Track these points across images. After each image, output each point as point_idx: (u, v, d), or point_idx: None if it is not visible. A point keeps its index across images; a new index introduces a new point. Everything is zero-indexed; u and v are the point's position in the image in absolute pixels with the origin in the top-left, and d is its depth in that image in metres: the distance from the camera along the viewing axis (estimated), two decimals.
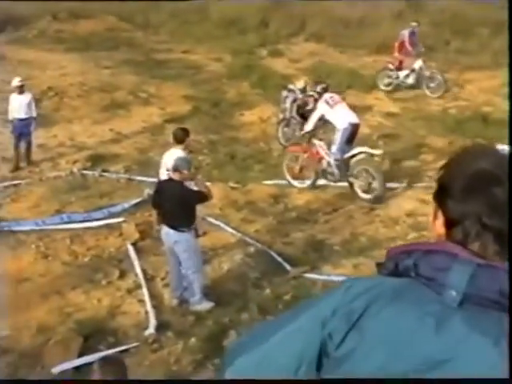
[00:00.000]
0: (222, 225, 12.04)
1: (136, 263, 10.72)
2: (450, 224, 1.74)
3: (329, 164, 13.58)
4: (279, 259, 10.89)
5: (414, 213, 12.57)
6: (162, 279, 10.32)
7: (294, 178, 14.11)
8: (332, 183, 13.84)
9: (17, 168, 15.06)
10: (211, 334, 8.83)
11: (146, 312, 9.45)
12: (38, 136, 16.09)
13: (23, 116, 15.19)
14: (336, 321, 1.68)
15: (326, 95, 13.74)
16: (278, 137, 16.58)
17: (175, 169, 8.98)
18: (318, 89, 14.04)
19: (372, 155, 13.40)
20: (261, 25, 29.69)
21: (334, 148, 13.39)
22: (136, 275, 10.42)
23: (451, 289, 1.60)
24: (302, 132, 14.28)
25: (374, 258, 9.85)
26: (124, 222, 12.17)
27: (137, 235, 11.60)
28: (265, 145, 16.80)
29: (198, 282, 9.38)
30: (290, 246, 11.53)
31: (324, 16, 28.70)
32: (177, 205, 8.93)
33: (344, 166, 13.34)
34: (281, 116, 16.87)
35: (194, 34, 28.29)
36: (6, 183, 14.12)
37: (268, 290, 9.99)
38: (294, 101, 16.92)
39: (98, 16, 30.55)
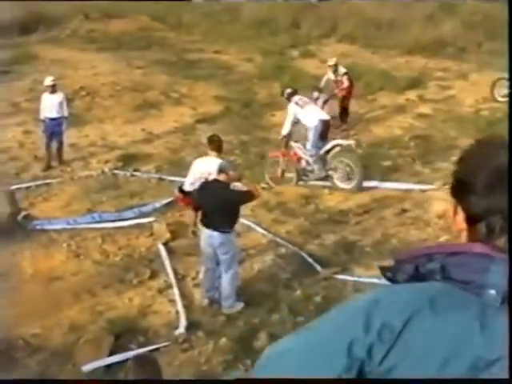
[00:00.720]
0: (253, 225, 12.02)
1: (167, 263, 10.75)
2: (472, 220, 1.70)
3: (307, 162, 14.03)
4: (310, 260, 10.86)
5: (446, 215, 12.45)
6: (193, 279, 10.33)
7: (277, 183, 14.26)
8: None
9: (48, 167, 15.19)
10: (242, 334, 8.82)
11: (177, 312, 9.47)
12: (70, 135, 16.22)
13: (55, 115, 15.27)
14: (372, 338, 1.59)
15: (296, 97, 14.18)
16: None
17: (221, 170, 8.99)
18: (286, 93, 14.39)
19: (343, 146, 13.96)
20: (292, 26, 29.67)
21: (309, 145, 13.89)
22: (167, 275, 10.45)
23: (491, 289, 1.57)
24: (280, 137, 14.49)
25: None
26: (155, 221, 12.21)
27: (168, 235, 11.62)
28: None
29: (234, 282, 9.39)
30: (321, 247, 11.48)
31: (355, 17, 28.59)
32: (222, 206, 8.87)
33: (321, 161, 13.84)
34: None
35: (225, 34, 28.37)
36: (38, 182, 14.25)
37: (299, 291, 9.95)
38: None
39: (131, 16, 30.81)
